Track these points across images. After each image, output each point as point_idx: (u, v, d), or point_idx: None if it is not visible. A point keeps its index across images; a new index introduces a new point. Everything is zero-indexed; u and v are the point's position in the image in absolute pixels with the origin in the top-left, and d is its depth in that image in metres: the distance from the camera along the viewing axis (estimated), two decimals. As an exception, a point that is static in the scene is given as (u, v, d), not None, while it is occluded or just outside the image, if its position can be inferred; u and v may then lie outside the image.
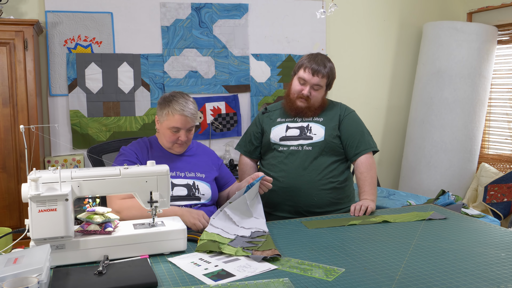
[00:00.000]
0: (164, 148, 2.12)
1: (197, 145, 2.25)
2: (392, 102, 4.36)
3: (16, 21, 2.94)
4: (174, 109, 2.01)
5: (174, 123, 2.02)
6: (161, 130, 2.08)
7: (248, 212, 1.90)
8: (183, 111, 2.01)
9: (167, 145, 2.08)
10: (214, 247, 1.62)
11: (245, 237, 1.73)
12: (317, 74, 2.29)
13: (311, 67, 2.29)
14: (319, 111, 2.37)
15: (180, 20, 3.64)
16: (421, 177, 4.01)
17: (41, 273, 1.23)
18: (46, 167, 3.28)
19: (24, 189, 1.47)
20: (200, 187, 2.06)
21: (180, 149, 2.09)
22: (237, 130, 3.84)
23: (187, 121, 2.03)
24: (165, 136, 2.06)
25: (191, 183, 2.05)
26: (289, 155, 2.31)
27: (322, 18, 3.64)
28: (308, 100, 2.32)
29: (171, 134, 2.04)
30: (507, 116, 4.05)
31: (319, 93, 2.33)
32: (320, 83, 2.31)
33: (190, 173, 2.09)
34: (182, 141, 2.05)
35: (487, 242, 1.71)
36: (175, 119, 2.01)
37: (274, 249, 1.60)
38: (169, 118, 2.03)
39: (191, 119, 2.04)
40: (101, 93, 3.48)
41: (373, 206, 2.18)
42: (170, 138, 2.05)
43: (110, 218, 1.59)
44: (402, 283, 1.35)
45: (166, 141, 2.07)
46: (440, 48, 3.93)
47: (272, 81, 3.91)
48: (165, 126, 2.04)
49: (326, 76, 2.31)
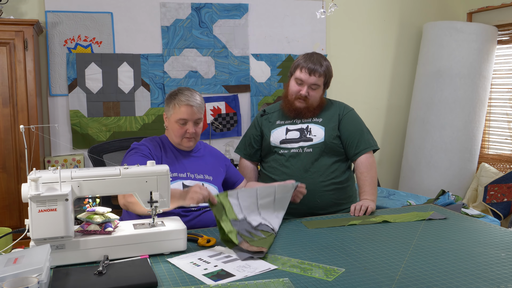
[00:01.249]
0: (174, 146, 2.12)
1: (204, 146, 2.25)
2: (392, 102, 4.36)
3: (16, 21, 2.94)
4: (180, 100, 2.04)
5: (181, 115, 2.03)
6: (170, 126, 2.10)
7: (271, 205, 1.93)
8: (188, 101, 2.03)
9: (176, 140, 2.09)
10: (219, 213, 1.67)
11: (250, 225, 1.74)
12: (313, 74, 2.27)
13: (308, 67, 2.28)
14: (318, 111, 2.37)
15: (180, 20, 3.64)
16: (421, 177, 4.01)
17: (41, 273, 1.23)
18: (46, 167, 3.28)
19: (24, 189, 1.47)
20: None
21: (189, 144, 2.09)
22: (237, 130, 3.84)
23: (193, 111, 2.04)
24: (173, 130, 2.08)
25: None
26: (290, 157, 2.31)
27: (322, 18, 3.64)
28: (307, 100, 2.31)
29: (179, 128, 2.05)
30: (507, 116, 4.05)
31: (317, 93, 2.32)
32: (318, 82, 2.30)
33: (199, 175, 2.09)
34: (190, 133, 2.05)
35: (487, 242, 1.71)
36: (182, 111, 2.03)
37: (263, 247, 1.60)
38: (175, 110, 2.05)
39: (197, 109, 2.05)
40: (101, 93, 3.48)
41: (373, 206, 2.18)
42: (178, 131, 2.06)
43: (110, 218, 1.59)
44: (402, 283, 1.35)
45: (174, 136, 2.08)
46: (440, 48, 3.93)
47: (272, 81, 3.91)
48: (173, 119, 2.06)
49: (323, 75, 2.30)
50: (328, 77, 2.35)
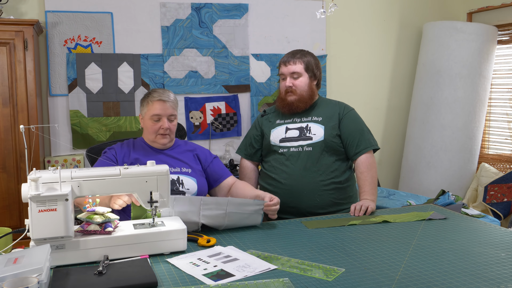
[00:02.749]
0: (148, 145, 2.15)
1: (185, 143, 2.26)
2: (392, 102, 4.36)
3: (16, 21, 2.94)
4: (153, 97, 2.11)
5: (154, 110, 2.08)
6: (144, 124, 2.14)
7: (218, 218, 1.85)
8: (161, 97, 2.09)
9: (151, 137, 2.11)
10: (140, 211, 1.76)
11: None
12: (289, 63, 2.37)
13: (283, 60, 2.41)
14: (310, 103, 2.39)
15: (180, 20, 3.64)
16: (421, 177, 4.01)
17: (41, 273, 1.23)
18: (46, 167, 3.28)
19: (24, 189, 1.47)
20: (184, 182, 2.07)
21: (163, 141, 2.11)
22: (237, 130, 3.84)
23: (166, 107, 2.09)
24: (147, 128, 2.11)
25: (175, 178, 2.06)
26: (290, 156, 2.31)
27: (322, 18, 3.64)
28: (294, 92, 2.35)
29: (153, 124, 2.09)
30: (507, 116, 4.05)
31: (301, 82, 2.36)
32: (296, 70, 2.36)
33: (175, 169, 2.10)
34: (164, 128, 2.08)
35: (487, 242, 1.71)
36: (155, 107, 2.08)
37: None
38: (149, 107, 2.10)
39: (170, 104, 2.10)
40: (101, 93, 3.48)
41: (373, 206, 2.18)
42: (152, 128, 2.09)
43: (110, 218, 1.59)
44: (402, 283, 1.35)
45: (148, 133, 2.12)
46: (440, 48, 3.93)
47: (272, 81, 3.91)
48: (147, 117, 2.11)
49: (300, 62, 2.37)
50: (308, 64, 2.38)
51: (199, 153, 2.23)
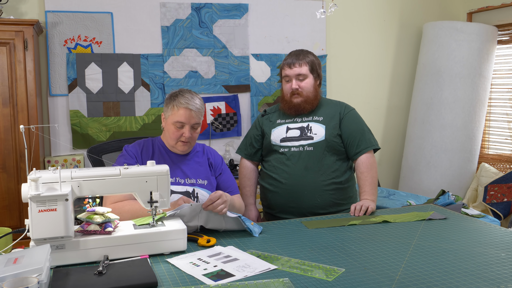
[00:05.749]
0: (168, 149, 2.09)
1: (203, 149, 2.19)
2: (392, 102, 4.36)
3: (16, 21, 2.94)
4: (180, 102, 2.00)
5: (178, 117, 1.99)
6: (166, 127, 2.06)
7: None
8: (188, 105, 1.99)
9: (171, 142, 2.04)
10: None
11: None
12: (294, 65, 2.35)
13: (287, 62, 2.38)
14: (316, 103, 2.38)
15: (180, 20, 3.64)
16: (421, 177, 4.01)
17: (41, 273, 1.23)
18: (46, 167, 3.28)
19: (24, 189, 1.47)
20: (199, 195, 2.03)
21: (183, 148, 2.04)
22: (237, 130, 3.84)
23: (191, 115, 2.00)
24: (169, 132, 2.03)
25: (190, 191, 2.02)
26: (291, 156, 2.31)
27: (322, 18, 3.64)
28: (301, 93, 2.34)
29: (175, 130, 2.01)
30: (507, 116, 4.05)
31: (307, 83, 2.35)
32: (302, 72, 2.34)
33: (191, 179, 2.06)
34: (186, 137, 2.00)
35: (487, 242, 1.71)
36: (180, 113, 1.99)
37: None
38: (173, 112, 2.01)
39: (195, 113, 2.01)
40: (101, 93, 3.48)
41: (373, 206, 2.18)
42: (174, 134, 2.01)
43: (110, 218, 1.59)
44: (402, 283, 1.35)
45: (170, 138, 2.04)
46: (440, 48, 3.93)
47: (272, 81, 3.91)
48: (170, 121, 2.02)
49: (304, 64, 2.35)
50: (312, 65, 2.37)
51: (212, 161, 2.16)
